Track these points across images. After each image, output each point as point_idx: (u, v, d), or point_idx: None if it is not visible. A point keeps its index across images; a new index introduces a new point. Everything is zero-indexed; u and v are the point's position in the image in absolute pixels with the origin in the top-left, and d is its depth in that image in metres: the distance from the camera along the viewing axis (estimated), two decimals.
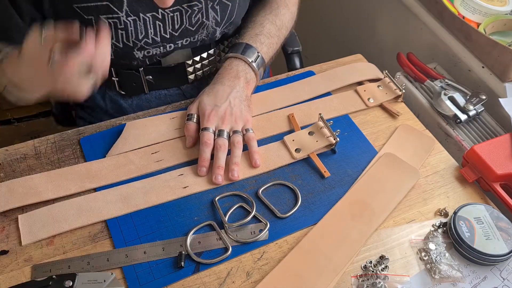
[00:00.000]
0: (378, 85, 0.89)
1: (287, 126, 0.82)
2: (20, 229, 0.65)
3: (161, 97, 0.92)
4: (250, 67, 0.81)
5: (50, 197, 0.68)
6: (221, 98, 0.77)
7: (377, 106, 0.87)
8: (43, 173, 0.71)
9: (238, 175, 0.73)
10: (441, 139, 0.89)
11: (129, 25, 0.75)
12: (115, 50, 0.78)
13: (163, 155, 0.75)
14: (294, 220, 0.69)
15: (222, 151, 0.74)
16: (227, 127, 0.76)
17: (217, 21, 0.83)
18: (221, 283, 0.62)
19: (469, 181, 0.76)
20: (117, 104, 0.92)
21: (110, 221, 0.67)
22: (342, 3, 1.49)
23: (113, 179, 0.71)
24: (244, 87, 0.80)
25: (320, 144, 0.77)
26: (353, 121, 0.85)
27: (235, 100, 0.78)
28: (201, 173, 0.73)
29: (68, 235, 0.66)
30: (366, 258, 0.66)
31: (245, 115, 0.78)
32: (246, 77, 0.81)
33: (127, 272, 0.62)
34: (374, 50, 1.39)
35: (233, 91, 0.78)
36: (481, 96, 0.90)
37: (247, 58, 0.81)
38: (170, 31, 0.79)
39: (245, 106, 0.79)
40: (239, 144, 0.75)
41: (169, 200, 0.70)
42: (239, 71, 0.80)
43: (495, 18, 1.01)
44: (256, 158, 0.75)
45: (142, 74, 0.86)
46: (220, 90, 0.78)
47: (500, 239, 0.66)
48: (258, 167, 0.75)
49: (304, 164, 0.77)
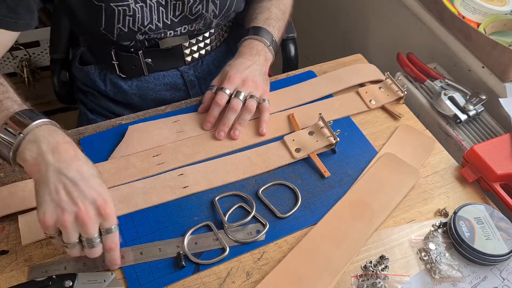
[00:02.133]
0: (380, 87, 0.89)
1: (288, 128, 0.82)
2: (20, 229, 0.65)
3: (159, 78, 0.94)
4: (267, 48, 0.87)
5: None
6: (244, 68, 0.81)
7: (378, 108, 0.87)
8: None
9: (239, 135, 0.78)
10: (441, 139, 0.89)
11: (137, 12, 0.78)
12: (119, 34, 0.81)
13: (164, 158, 0.75)
14: (294, 220, 0.69)
15: (232, 112, 0.78)
16: (246, 91, 0.79)
17: (215, 14, 0.87)
18: (221, 283, 0.62)
19: (469, 181, 0.76)
20: (117, 86, 0.94)
21: None
22: (342, 3, 1.49)
23: (115, 182, 0.71)
24: (263, 64, 0.85)
25: (320, 144, 0.78)
26: (353, 121, 0.85)
27: (256, 71, 0.82)
28: (205, 127, 0.79)
29: None
30: (366, 258, 0.66)
31: (264, 86, 0.83)
32: (266, 56, 0.86)
33: (127, 272, 0.62)
34: (374, 50, 1.39)
35: (254, 64, 0.83)
36: (481, 96, 0.90)
37: (265, 40, 0.86)
38: (171, 17, 0.83)
39: (265, 79, 0.84)
40: (252, 108, 0.79)
41: (169, 200, 0.70)
42: (259, 50, 0.85)
43: (495, 18, 1.01)
44: (263, 126, 0.79)
45: (141, 57, 0.89)
46: (242, 63, 0.82)
47: (500, 239, 0.66)
48: (263, 135, 0.79)
49: (304, 164, 0.77)
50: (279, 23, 0.92)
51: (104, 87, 0.94)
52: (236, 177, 0.74)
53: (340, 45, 1.59)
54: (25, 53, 1.28)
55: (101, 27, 0.80)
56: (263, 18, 0.90)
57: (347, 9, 1.50)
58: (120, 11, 0.78)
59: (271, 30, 0.88)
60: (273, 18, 0.91)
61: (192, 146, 0.77)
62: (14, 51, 1.27)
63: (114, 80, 0.93)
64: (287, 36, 1.11)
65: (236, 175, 0.74)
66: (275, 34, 0.89)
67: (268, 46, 0.86)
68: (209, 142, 0.78)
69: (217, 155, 0.77)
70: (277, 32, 0.90)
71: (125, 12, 0.78)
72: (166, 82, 0.94)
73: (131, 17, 0.79)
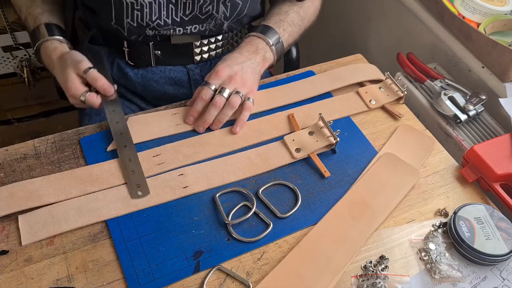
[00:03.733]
0: (380, 87, 0.89)
1: (288, 129, 0.82)
2: (20, 229, 0.65)
3: (165, 72, 0.95)
4: (269, 47, 0.85)
5: (51, 201, 0.68)
6: (236, 63, 0.80)
7: (378, 108, 0.87)
8: (44, 177, 0.71)
9: (217, 129, 0.79)
10: (441, 139, 0.89)
11: (145, 7, 0.80)
12: (129, 28, 0.83)
13: (164, 158, 0.75)
14: (294, 220, 0.69)
15: (215, 108, 0.77)
16: (231, 88, 0.78)
17: (226, 15, 0.87)
18: (221, 283, 0.62)
19: (469, 181, 0.76)
20: (123, 72, 0.95)
21: (110, 221, 0.67)
22: (342, 3, 1.49)
23: (114, 182, 0.71)
24: (260, 63, 0.84)
25: (320, 144, 0.78)
26: (353, 121, 0.85)
27: (248, 68, 0.81)
28: (188, 121, 0.79)
29: (68, 235, 0.66)
30: (366, 258, 0.66)
31: (252, 85, 0.81)
32: (265, 55, 0.85)
33: (127, 272, 0.62)
34: (374, 50, 1.39)
35: (249, 61, 0.81)
36: (481, 96, 0.90)
37: (269, 40, 0.85)
38: (181, 15, 0.84)
39: (255, 79, 0.82)
40: (235, 104, 0.78)
41: (169, 200, 0.70)
42: (259, 48, 0.84)
43: (495, 18, 1.01)
44: (238, 125, 0.78)
45: (151, 48, 0.90)
46: (237, 57, 0.81)
47: (500, 239, 0.66)
48: (236, 134, 0.78)
49: (304, 164, 0.77)
50: (293, 28, 0.90)
51: (110, 70, 0.95)
52: (236, 177, 0.74)
53: (340, 45, 1.59)
54: (25, 53, 1.28)
55: (112, 21, 0.83)
56: (277, 19, 0.89)
57: (347, 9, 1.50)
58: (128, 4, 0.80)
59: (280, 32, 0.87)
60: (287, 21, 0.89)
61: (192, 146, 0.77)
62: (14, 51, 1.27)
63: (121, 66, 0.95)
64: None
65: (236, 175, 0.74)
66: (284, 37, 0.88)
67: (270, 45, 0.85)
68: (209, 142, 0.78)
69: (217, 155, 0.77)
70: (287, 35, 0.89)
71: (133, 5, 0.80)
72: (171, 76, 0.95)
73: (139, 11, 0.80)
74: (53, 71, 0.81)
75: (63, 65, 0.78)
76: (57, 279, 0.61)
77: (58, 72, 0.79)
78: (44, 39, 0.82)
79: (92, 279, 0.61)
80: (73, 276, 0.62)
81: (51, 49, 0.81)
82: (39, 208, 0.67)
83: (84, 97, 0.76)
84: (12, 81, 1.37)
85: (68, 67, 0.77)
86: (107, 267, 0.63)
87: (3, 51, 1.27)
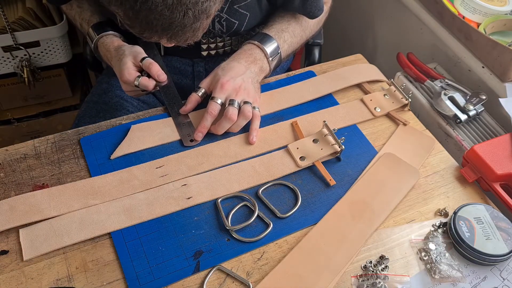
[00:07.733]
0: (384, 94, 0.88)
1: (293, 138, 0.80)
2: (21, 244, 0.64)
3: (172, 61, 0.96)
4: (266, 59, 0.85)
5: (52, 214, 0.67)
6: (237, 73, 0.80)
7: (384, 115, 0.86)
8: (45, 189, 0.70)
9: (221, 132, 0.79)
10: (441, 139, 0.89)
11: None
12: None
13: (167, 170, 0.74)
14: (294, 220, 0.69)
15: (229, 121, 0.77)
16: (239, 99, 0.78)
17: (223, 31, 0.87)
18: (221, 283, 0.62)
19: (469, 181, 0.76)
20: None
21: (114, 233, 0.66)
22: (342, 3, 1.49)
23: (117, 195, 0.70)
24: (257, 73, 0.84)
25: (325, 152, 0.77)
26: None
27: (248, 79, 0.81)
28: (196, 137, 0.78)
29: None
30: (366, 258, 0.66)
31: (255, 94, 0.82)
32: (262, 66, 0.84)
33: (127, 272, 0.62)
34: (374, 50, 1.39)
35: (248, 71, 0.81)
36: (481, 96, 0.90)
37: (267, 51, 0.84)
38: None
39: (257, 88, 0.83)
40: (249, 114, 0.78)
41: (173, 212, 0.69)
42: (256, 59, 0.84)
43: (495, 18, 1.01)
44: (254, 134, 0.79)
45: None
46: (236, 67, 0.81)
47: (500, 239, 0.66)
48: (253, 144, 0.78)
49: (307, 171, 0.76)
50: (293, 39, 0.89)
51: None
52: (240, 187, 0.73)
53: (340, 45, 1.59)
54: (25, 53, 1.28)
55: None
56: (278, 29, 0.87)
57: (347, 9, 1.50)
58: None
59: (280, 42, 0.86)
60: (288, 32, 0.88)
61: (196, 157, 0.76)
62: (14, 51, 1.27)
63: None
64: (313, 41, 1.11)
65: (240, 184, 0.73)
66: (283, 48, 0.87)
67: (268, 57, 0.84)
68: (213, 153, 0.77)
69: (221, 165, 0.76)
70: (286, 46, 0.88)
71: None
72: (176, 66, 0.97)
73: None
74: (111, 62, 0.86)
75: (121, 55, 0.83)
76: (57, 279, 0.61)
77: (115, 61, 0.83)
78: (99, 36, 0.87)
79: (92, 279, 0.61)
80: (73, 276, 0.62)
81: (108, 42, 0.87)
82: (40, 222, 0.66)
83: (138, 81, 0.80)
84: (12, 81, 1.37)
85: (126, 56, 0.82)
86: (107, 267, 0.63)
87: (3, 51, 1.26)
